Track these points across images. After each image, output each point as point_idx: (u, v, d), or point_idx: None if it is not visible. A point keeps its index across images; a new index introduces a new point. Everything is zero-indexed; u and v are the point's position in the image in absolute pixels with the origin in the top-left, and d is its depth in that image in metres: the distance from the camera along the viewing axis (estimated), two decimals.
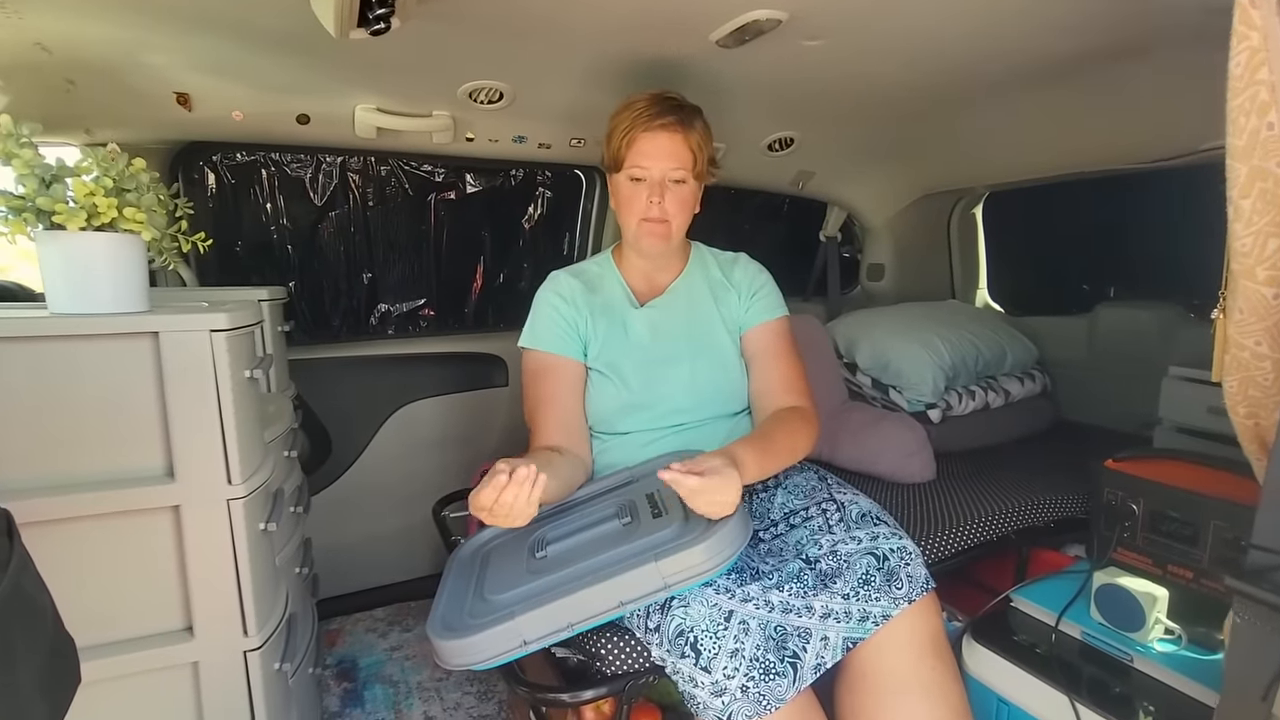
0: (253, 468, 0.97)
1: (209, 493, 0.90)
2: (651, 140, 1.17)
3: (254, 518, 0.97)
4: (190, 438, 0.88)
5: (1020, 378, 2.23)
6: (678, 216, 1.21)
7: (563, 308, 1.26)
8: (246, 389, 0.96)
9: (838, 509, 1.14)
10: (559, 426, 1.21)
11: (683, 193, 1.20)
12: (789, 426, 1.14)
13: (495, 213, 2.17)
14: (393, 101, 1.53)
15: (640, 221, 1.21)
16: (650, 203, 1.18)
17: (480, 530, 1.23)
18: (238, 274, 1.88)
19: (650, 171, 1.18)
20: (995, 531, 1.42)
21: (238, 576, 0.94)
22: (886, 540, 1.06)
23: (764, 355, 1.26)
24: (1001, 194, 2.50)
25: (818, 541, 1.08)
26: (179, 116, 1.39)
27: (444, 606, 1.01)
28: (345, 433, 1.97)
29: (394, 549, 2.06)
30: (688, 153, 1.19)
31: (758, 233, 2.68)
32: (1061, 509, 1.53)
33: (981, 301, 2.69)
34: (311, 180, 1.89)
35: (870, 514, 1.12)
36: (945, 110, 1.79)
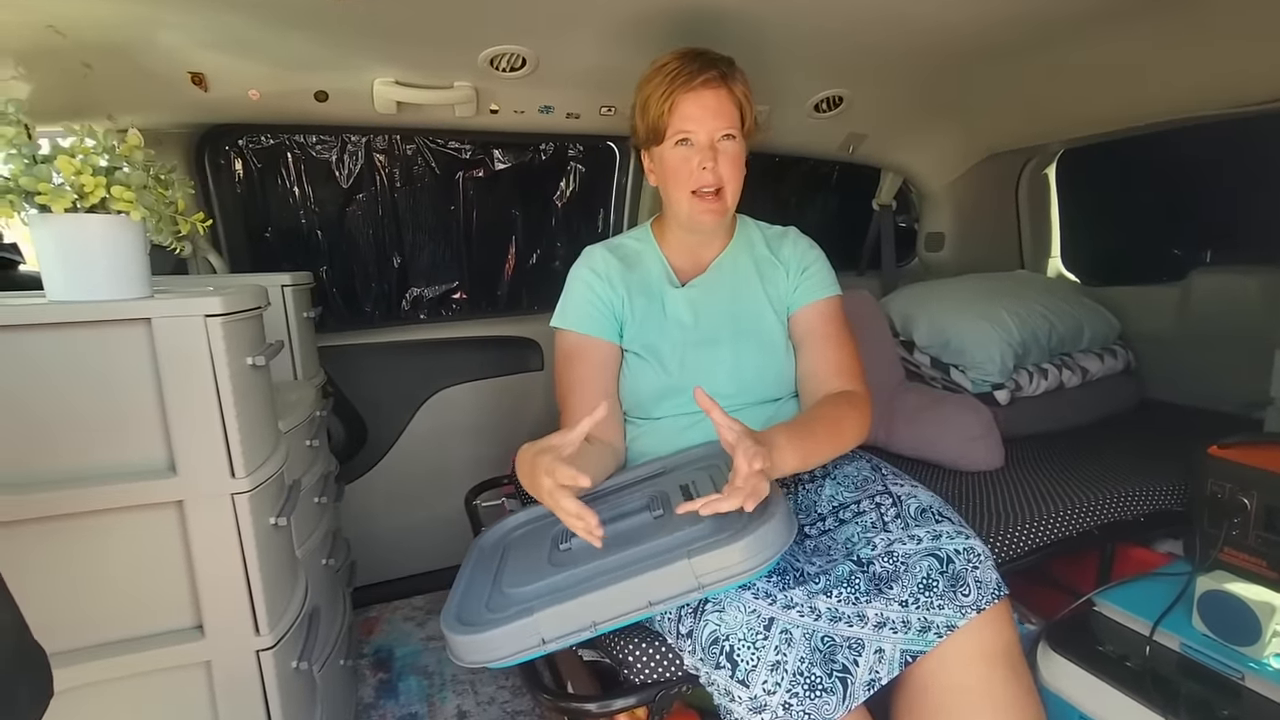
0: (259, 459, 0.92)
1: (211, 487, 0.86)
2: (696, 100, 1.07)
3: (262, 512, 0.92)
4: (189, 430, 0.83)
5: (1099, 354, 2.03)
6: (732, 181, 1.10)
7: (597, 285, 1.17)
8: (250, 377, 0.91)
9: (893, 503, 1.02)
10: (590, 412, 1.13)
11: (733, 154, 1.09)
12: (836, 412, 1.03)
13: (526, 190, 2.09)
14: (411, 73, 1.46)
15: (692, 196, 1.10)
16: (703, 169, 1.07)
17: (506, 518, 1.17)
18: (270, 261, 1.86)
19: (698, 134, 1.07)
20: (1075, 526, 1.26)
21: (246, 574, 0.89)
22: (951, 540, 0.93)
23: (813, 338, 1.15)
24: (1078, 151, 2.26)
25: (871, 541, 0.96)
26: (195, 98, 1.35)
27: (460, 598, 0.95)
28: (380, 419, 1.94)
29: (431, 536, 2.04)
30: (734, 109, 1.08)
31: (805, 203, 2.52)
32: (1153, 501, 1.36)
33: (1054, 271, 2.46)
34: (338, 162, 1.85)
35: (931, 509, 1.00)
36: (1013, 56, 1.60)
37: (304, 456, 1.24)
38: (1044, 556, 1.23)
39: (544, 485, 0.85)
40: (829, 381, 1.11)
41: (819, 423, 1.01)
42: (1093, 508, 1.30)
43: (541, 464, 0.85)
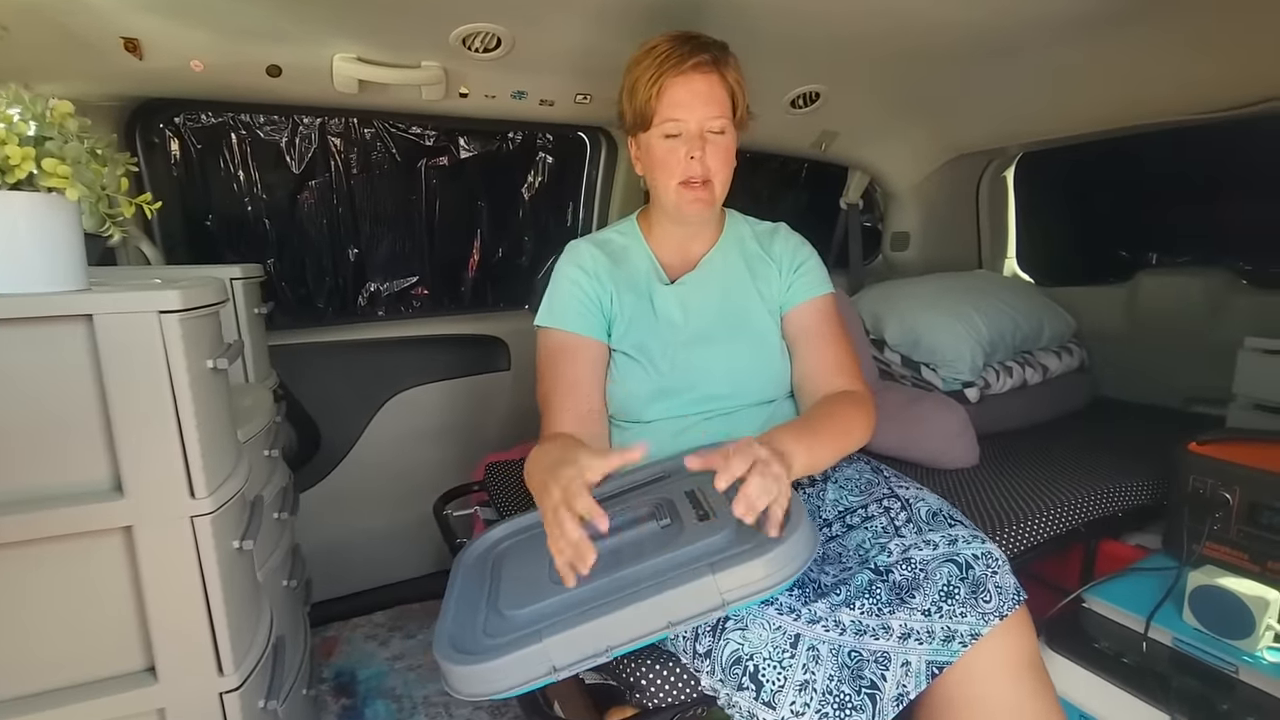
0: (222, 475, 0.81)
1: (167, 509, 0.74)
2: (685, 85, 1.01)
3: (226, 535, 0.81)
4: (139, 444, 0.72)
5: (1058, 352, 2.09)
6: (720, 173, 1.06)
7: (585, 282, 1.11)
8: (210, 382, 0.79)
9: (902, 507, 1.00)
10: (576, 415, 1.07)
11: (724, 145, 1.05)
12: (842, 412, 1.00)
13: (492, 181, 1.99)
14: (376, 50, 1.34)
15: (679, 186, 1.05)
16: (690, 159, 1.02)
17: (488, 528, 1.08)
18: (209, 251, 1.70)
19: (687, 123, 1.02)
20: (1063, 524, 1.28)
21: (208, 606, 0.78)
22: (968, 545, 0.91)
23: (810, 336, 1.12)
24: (1035, 155, 2.34)
25: (885, 547, 0.93)
26: (128, 66, 1.20)
27: (452, 623, 0.86)
28: (335, 424, 1.81)
29: (392, 547, 1.91)
30: (726, 96, 1.04)
31: (775, 200, 2.51)
32: (1132, 497, 1.39)
33: (1009, 271, 2.54)
34: (288, 145, 1.70)
35: (942, 513, 0.98)
36: (983, 59, 1.62)
37: (263, 469, 1.12)
38: (1037, 555, 1.24)
39: (552, 496, 0.78)
40: (829, 381, 1.08)
41: (824, 421, 0.98)
42: (1078, 505, 1.31)
43: (562, 476, 0.78)
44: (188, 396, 0.73)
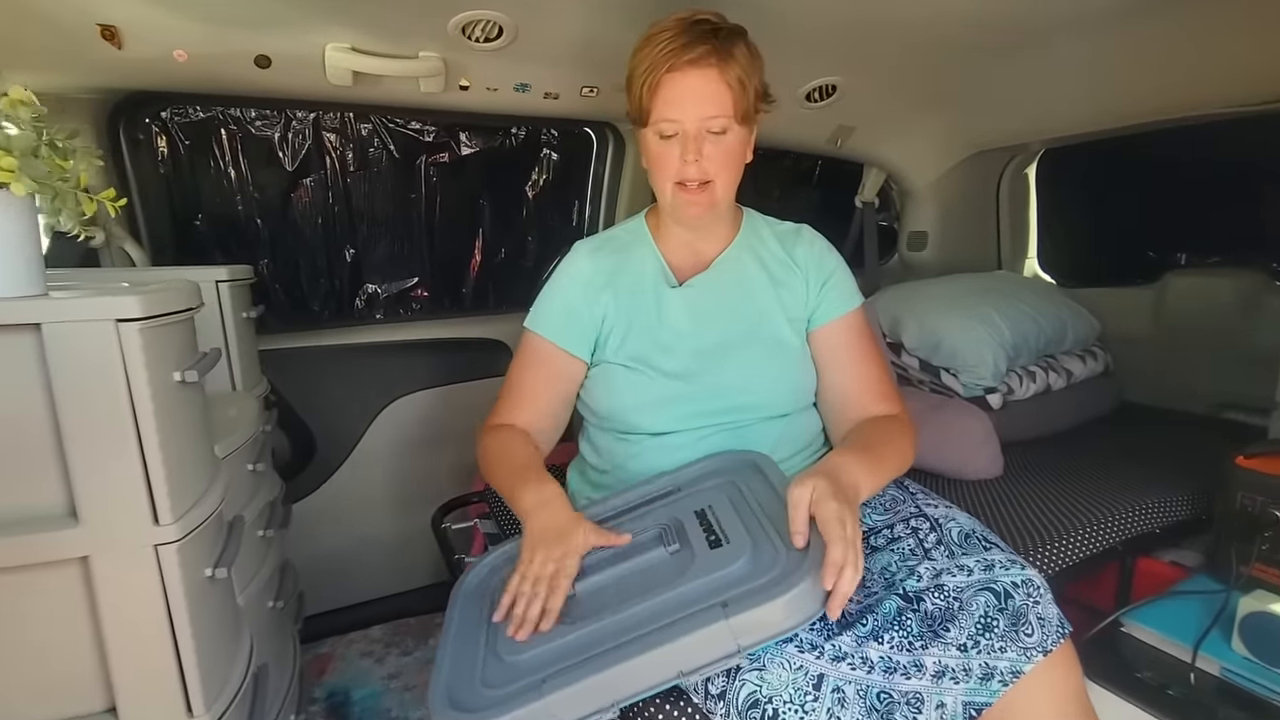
0: (193, 497, 0.74)
1: (127, 537, 0.67)
2: (679, 83, 0.93)
3: (196, 563, 0.74)
4: (96, 466, 0.65)
5: (1081, 356, 2.01)
6: (722, 174, 0.97)
7: (580, 296, 1.05)
8: (179, 396, 0.73)
9: (932, 528, 0.92)
10: (531, 417, 1.06)
11: (726, 145, 0.96)
12: (895, 441, 0.95)
13: (494, 178, 1.91)
14: (371, 39, 1.27)
15: (675, 187, 0.98)
16: (685, 162, 0.95)
17: (487, 550, 1.01)
18: (201, 252, 1.63)
19: (682, 123, 0.94)
20: (1099, 543, 1.19)
21: (175, 642, 0.71)
22: (1005, 571, 0.83)
23: (844, 356, 1.05)
24: (1058, 151, 2.25)
25: (915, 571, 0.85)
26: (107, 56, 1.13)
27: (449, 669, 0.78)
28: (331, 431, 1.74)
29: (389, 558, 1.85)
30: (726, 92, 0.94)
31: (787, 199, 2.43)
32: (1171, 512, 1.31)
33: (1030, 272, 2.45)
34: (281, 141, 1.63)
35: (975, 534, 0.90)
36: (1011, 50, 1.54)
37: (246, 485, 1.05)
38: (1072, 577, 1.16)
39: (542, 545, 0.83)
40: (869, 404, 1.02)
41: (885, 450, 0.92)
42: (1114, 523, 1.23)
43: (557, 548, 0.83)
44: (150, 413, 0.66)
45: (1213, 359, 1.94)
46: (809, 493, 0.76)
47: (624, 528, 0.91)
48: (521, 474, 0.94)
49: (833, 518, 0.73)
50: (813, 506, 0.76)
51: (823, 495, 0.75)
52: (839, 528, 0.72)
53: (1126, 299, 2.14)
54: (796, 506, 0.76)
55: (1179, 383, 2.01)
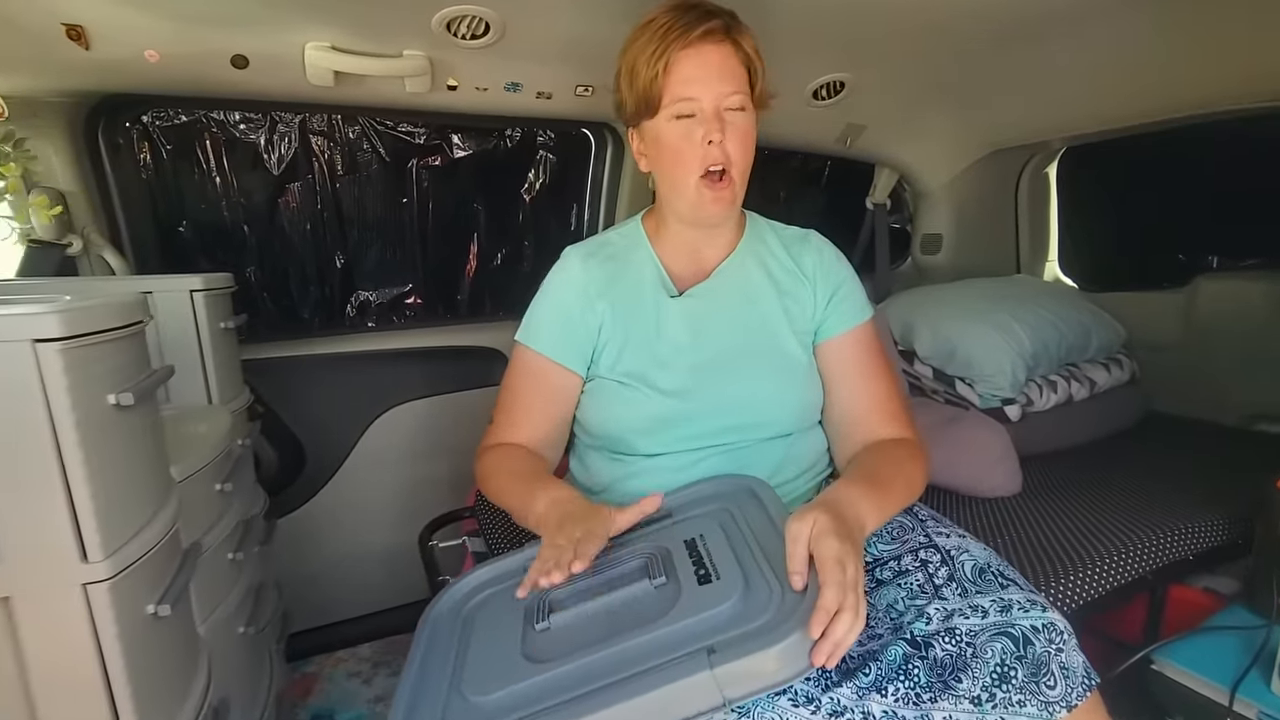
0: (132, 529, 0.69)
1: (51, 576, 0.62)
2: (696, 57, 0.87)
3: (135, 601, 0.68)
4: (15, 500, 0.60)
5: (1106, 364, 1.91)
6: (740, 162, 0.91)
7: (574, 306, 0.98)
8: (115, 420, 0.67)
9: (943, 560, 0.84)
10: (529, 435, 1.00)
11: (744, 126, 0.90)
12: (904, 470, 0.87)
13: (489, 181, 1.86)
14: (352, 37, 1.22)
15: (700, 182, 0.90)
16: (708, 143, 0.88)
17: (466, 574, 0.94)
18: (187, 260, 1.59)
19: (702, 100, 0.87)
20: (1127, 573, 1.10)
21: (109, 687, 0.66)
22: (1025, 613, 0.75)
23: (852, 372, 0.98)
24: (1080, 149, 2.15)
25: (923, 612, 0.78)
26: (74, 58, 1.09)
27: (409, 703, 0.72)
28: (322, 443, 1.70)
29: (381, 573, 1.79)
30: (743, 69, 0.89)
31: (794, 201, 2.35)
32: (1205, 537, 1.22)
33: (1051, 276, 2.35)
34: (267, 145, 1.59)
35: (991, 569, 0.82)
36: (1022, 43, 1.46)
37: (211, 506, 1.00)
38: (1098, 608, 1.07)
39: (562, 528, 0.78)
40: (878, 426, 0.95)
41: (895, 479, 0.85)
42: (1143, 550, 1.14)
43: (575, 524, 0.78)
44: (75, 442, 0.60)
45: (1245, 367, 1.84)
46: (808, 528, 0.69)
47: (609, 554, 0.84)
48: (530, 483, 0.89)
49: (832, 557, 0.66)
50: (812, 543, 0.69)
51: (823, 531, 0.69)
52: (837, 570, 0.65)
53: (1154, 304, 2.04)
54: (795, 542, 0.69)
55: (1209, 393, 1.91)
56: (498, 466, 0.96)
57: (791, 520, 0.71)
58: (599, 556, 0.83)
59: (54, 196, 1.26)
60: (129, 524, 0.69)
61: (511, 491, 0.91)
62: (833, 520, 0.70)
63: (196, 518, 0.94)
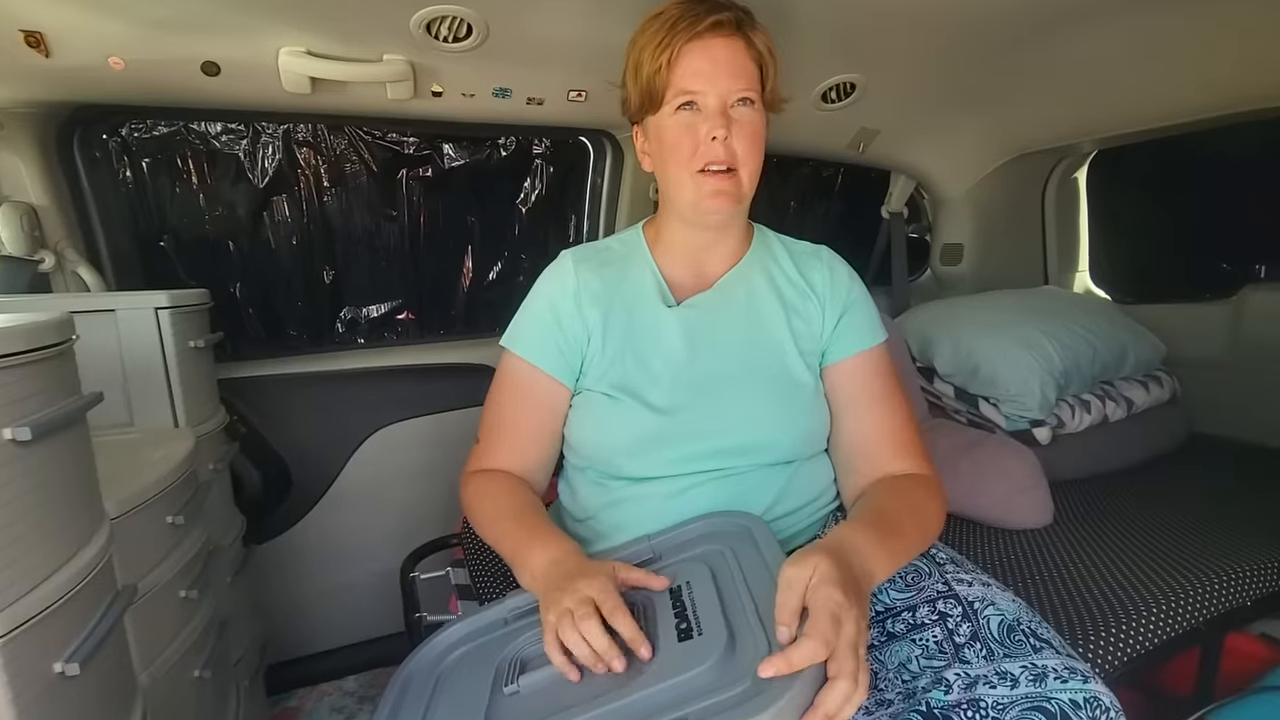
0: (33, 579, 0.61)
1: None
2: (703, 50, 0.82)
3: (35, 660, 0.61)
4: None
5: (1144, 382, 1.78)
6: (749, 161, 0.84)
7: (563, 311, 0.91)
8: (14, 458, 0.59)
9: (965, 615, 0.73)
10: (519, 454, 0.93)
11: (753, 124, 0.84)
12: (919, 512, 0.79)
13: (483, 192, 1.79)
14: (328, 42, 1.16)
15: (697, 175, 0.84)
16: (712, 139, 0.82)
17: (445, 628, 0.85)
18: (166, 275, 1.54)
19: (707, 95, 0.82)
20: (1177, 625, 0.98)
21: None
22: (1062, 683, 0.64)
23: (863, 399, 0.90)
24: (1112, 151, 2.02)
25: (941, 677, 0.67)
26: (34, 65, 1.04)
27: None
28: (308, 464, 1.63)
29: (368, 601, 1.71)
30: (754, 65, 0.84)
31: (806, 211, 2.25)
32: (1264, 581, 1.08)
33: (1082, 287, 2.22)
34: (249, 156, 1.54)
35: (1021, 625, 0.71)
36: (1055, 35, 1.35)
37: (160, 541, 0.92)
38: (1143, 665, 0.95)
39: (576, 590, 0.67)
40: (888, 459, 0.86)
41: (908, 524, 0.77)
42: (1195, 597, 1.01)
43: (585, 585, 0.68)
44: None
45: None
46: (807, 575, 0.61)
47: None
48: (524, 531, 0.82)
49: (827, 610, 0.58)
50: (809, 593, 0.60)
51: (824, 580, 0.60)
52: (829, 625, 0.57)
53: (1195, 317, 1.90)
54: (787, 589, 0.61)
55: (1259, 413, 1.78)
56: (487, 501, 0.89)
57: (788, 565, 0.63)
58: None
59: (23, 210, 1.22)
60: (30, 572, 0.61)
61: (504, 536, 0.84)
62: (836, 568, 0.61)
63: (139, 554, 0.87)
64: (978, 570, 0.82)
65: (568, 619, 0.64)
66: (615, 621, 0.64)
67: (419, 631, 1.19)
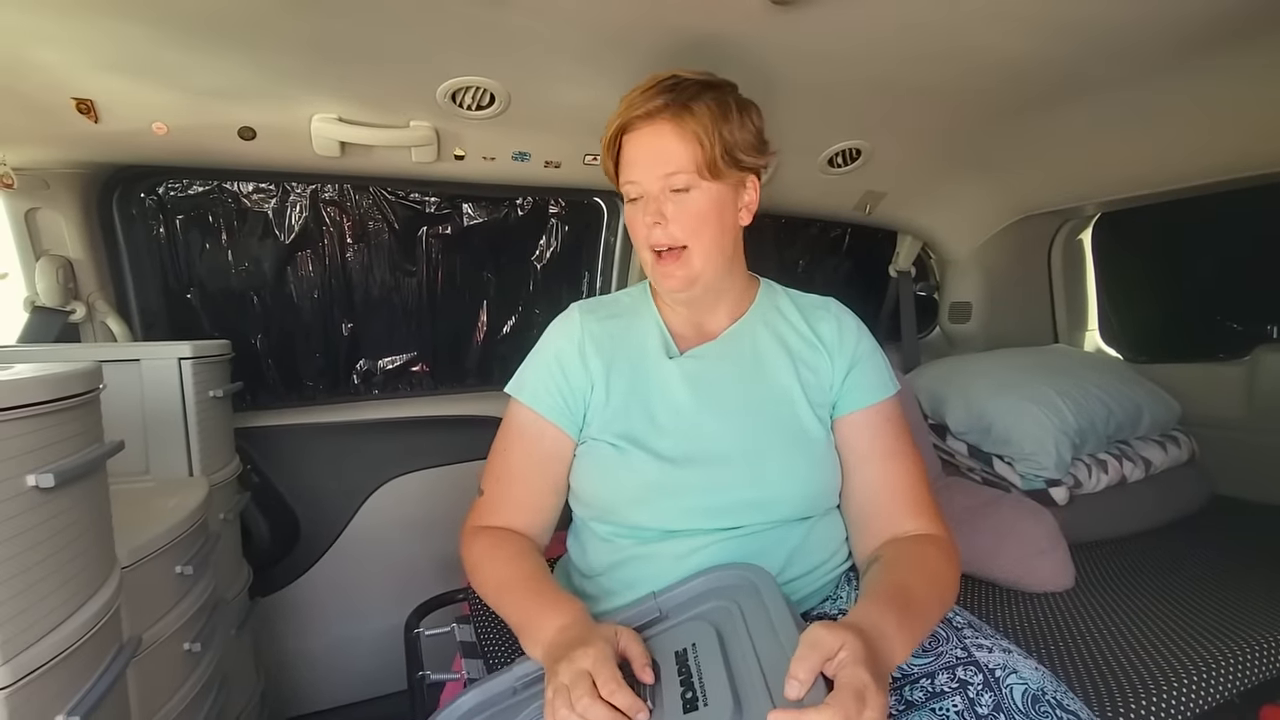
0: (42, 628, 0.61)
1: None
2: (635, 142, 0.87)
3: (39, 712, 0.60)
4: None
5: (1161, 442, 1.75)
6: (695, 239, 0.86)
7: (569, 363, 0.92)
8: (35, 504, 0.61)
9: (985, 683, 0.71)
10: (526, 508, 0.93)
11: (694, 204, 0.85)
12: (939, 581, 0.77)
13: (500, 250, 1.84)
14: (358, 109, 1.22)
15: (653, 257, 0.89)
16: (652, 224, 0.86)
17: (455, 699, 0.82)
18: (192, 326, 1.59)
19: (641, 184, 0.87)
20: (1209, 696, 0.94)
21: None
22: None
23: (873, 453, 0.89)
24: (1116, 214, 2.06)
25: None
26: (83, 130, 1.10)
27: None
28: (317, 514, 1.62)
29: (375, 657, 1.68)
30: (682, 147, 0.84)
31: (814, 269, 2.29)
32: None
33: (1092, 345, 2.21)
34: (277, 214, 1.60)
35: (1046, 696, 0.69)
36: (1058, 103, 1.40)
37: (167, 591, 0.92)
38: None
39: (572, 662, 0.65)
40: (901, 518, 0.85)
41: (930, 598, 0.75)
42: (1226, 667, 0.97)
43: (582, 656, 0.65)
44: None
45: None
46: (836, 646, 0.59)
47: None
48: (533, 598, 0.80)
49: (853, 687, 0.56)
50: (835, 666, 0.59)
51: (854, 658, 0.59)
52: (853, 699, 0.55)
53: (1209, 376, 1.89)
54: (813, 649, 0.59)
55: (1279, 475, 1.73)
56: (495, 567, 0.87)
57: (819, 627, 0.61)
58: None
59: (60, 264, 1.27)
60: (42, 620, 0.61)
61: (511, 605, 0.82)
62: (865, 649, 0.60)
63: (147, 604, 0.87)
64: (997, 635, 0.79)
65: (563, 695, 0.62)
66: (611, 696, 0.61)
67: (422, 691, 1.16)
